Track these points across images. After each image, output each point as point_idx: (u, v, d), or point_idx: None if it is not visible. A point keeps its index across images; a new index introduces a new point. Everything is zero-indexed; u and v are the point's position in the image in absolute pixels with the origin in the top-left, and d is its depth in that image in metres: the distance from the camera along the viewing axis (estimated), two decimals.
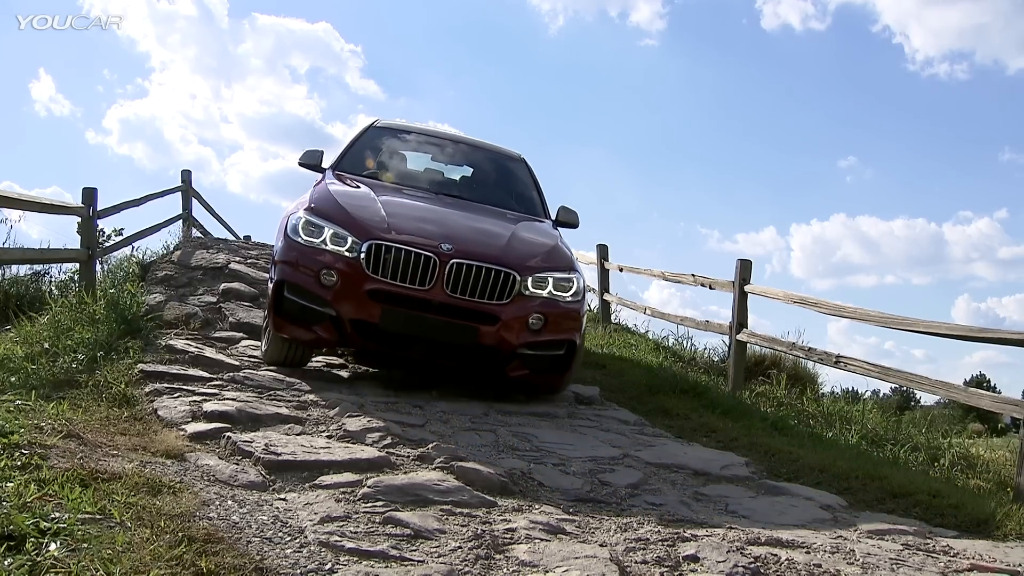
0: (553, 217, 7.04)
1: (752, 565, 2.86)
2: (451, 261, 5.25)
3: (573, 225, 7.04)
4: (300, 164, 6.79)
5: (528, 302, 5.47)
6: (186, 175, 15.06)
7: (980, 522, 4.10)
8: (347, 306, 5.24)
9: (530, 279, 5.50)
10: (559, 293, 5.62)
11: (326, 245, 5.33)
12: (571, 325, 5.70)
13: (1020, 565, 3.32)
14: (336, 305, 5.25)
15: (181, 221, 14.58)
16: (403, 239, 5.31)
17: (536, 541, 2.83)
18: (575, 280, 5.79)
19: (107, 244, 10.28)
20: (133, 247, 10.83)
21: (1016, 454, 6.17)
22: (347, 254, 5.27)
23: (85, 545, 2.25)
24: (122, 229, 11.60)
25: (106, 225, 10.72)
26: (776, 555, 3.00)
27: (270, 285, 5.61)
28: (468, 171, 7.84)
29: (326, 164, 6.82)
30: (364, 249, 5.24)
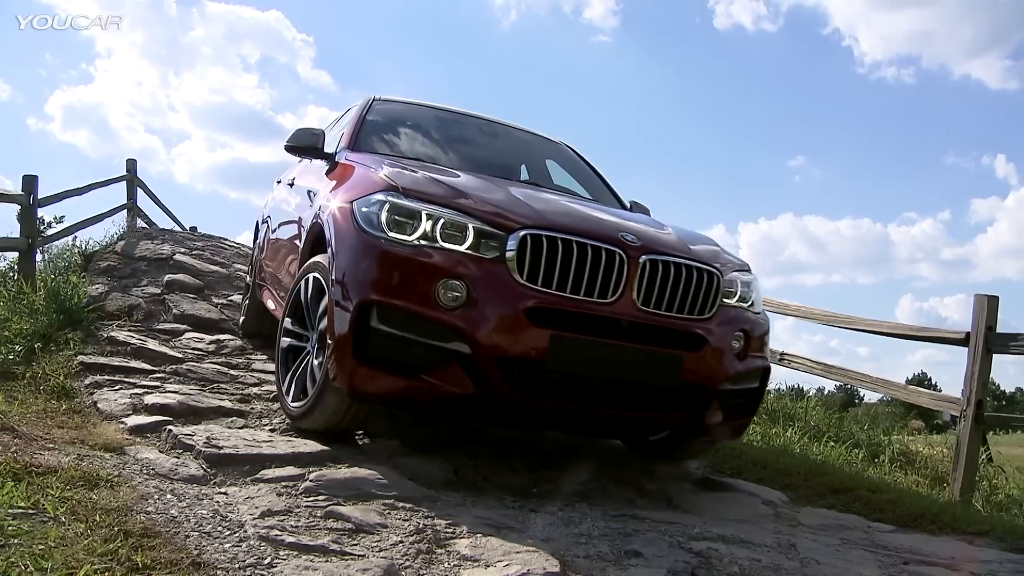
0: None
1: (694, 560, 2.89)
2: (642, 257, 3.58)
3: None
4: (291, 147, 5.01)
5: (726, 314, 3.90)
6: (131, 164, 14.90)
7: (917, 517, 4.19)
8: (490, 336, 3.35)
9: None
10: (743, 303, 4.06)
11: (436, 242, 3.45)
12: (765, 344, 4.20)
13: (953, 558, 3.39)
14: (471, 336, 3.34)
15: (125, 211, 14.39)
16: (567, 225, 3.59)
17: (478, 536, 2.82)
18: (756, 283, 4.27)
19: (48, 233, 10.09)
20: (75, 237, 10.64)
21: (953, 450, 6.31)
22: (478, 253, 3.44)
23: (15, 540, 2.20)
24: (63, 217, 11.43)
25: (47, 214, 10.55)
26: (717, 550, 3.02)
27: (336, 315, 3.49)
28: (521, 155, 6.07)
29: (329, 147, 5.09)
30: (513, 244, 3.43)
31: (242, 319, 7.01)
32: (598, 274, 3.47)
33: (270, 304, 5.82)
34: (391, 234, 3.49)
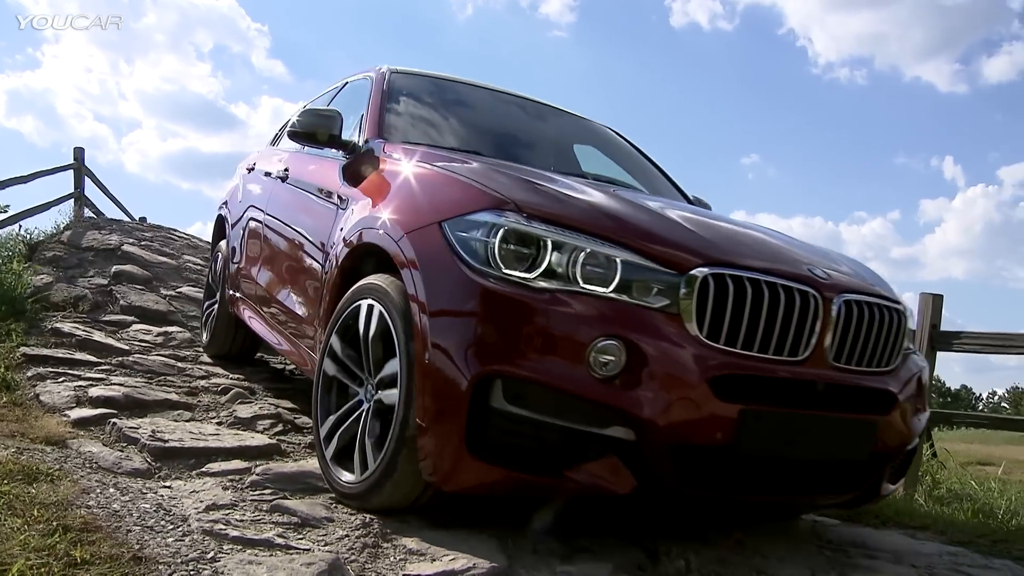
0: None
1: (642, 555, 2.90)
2: (836, 299, 2.80)
3: None
4: (297, 134, 3.99)
5: (905, 363, 3.16)
6: (79, 152, 14.67)
7: (861, 511, 4.24)
8: (665, 417, 2.47)
9: None
10: (907, 344, 3.27)
11: (573, 283, 2.54)
12: (927, 393, 3.41)
13: (896, 552, 3.45)
14: (637, 418, 2.47)
15: (72, 200, 14.17)
16: (754, 260, 2.75)
17: (425, 530, 2.81)
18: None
19: None
20: (20, 225, 10.43)
21: None
22: (637, 300, 2.56)
23: None
24: (7, 206, 11.21)
25: None
26: (668, 547, 3.04)
27: (433, 387, 2.60)
28: (573, 140, 5.10)
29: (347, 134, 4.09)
30: (689, 288, 2.57)
31: (206, 337, 6.03)
32: (791, 324, 2.69)
33: (255, 325, 5.04)
34: (506, 271, 2.59)
